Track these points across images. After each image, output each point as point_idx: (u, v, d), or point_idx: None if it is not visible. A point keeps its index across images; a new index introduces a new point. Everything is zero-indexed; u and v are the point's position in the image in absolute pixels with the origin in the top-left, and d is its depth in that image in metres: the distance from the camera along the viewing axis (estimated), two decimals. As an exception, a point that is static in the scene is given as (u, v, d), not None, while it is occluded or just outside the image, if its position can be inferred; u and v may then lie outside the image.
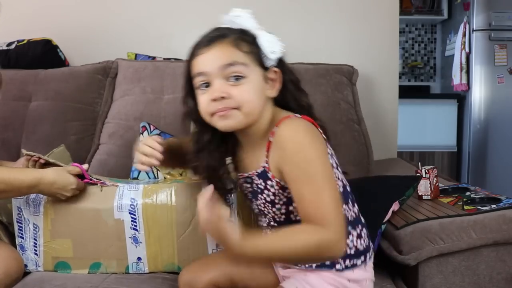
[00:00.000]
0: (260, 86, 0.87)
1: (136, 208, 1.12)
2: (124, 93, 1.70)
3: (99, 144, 1.66)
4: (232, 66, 0.84)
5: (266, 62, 0.88)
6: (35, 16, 1.95)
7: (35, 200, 1.14)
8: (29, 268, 1.16)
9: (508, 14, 2.97)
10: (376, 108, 1.98)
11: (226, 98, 0.84)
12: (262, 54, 0.87)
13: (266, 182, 0.89)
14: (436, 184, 1.31)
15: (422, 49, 3.74)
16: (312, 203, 0.80)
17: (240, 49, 0.85)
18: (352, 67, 1.79)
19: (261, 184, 0.90)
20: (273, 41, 0.89)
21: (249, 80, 0.85)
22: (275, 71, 0.89)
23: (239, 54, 0.85)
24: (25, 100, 1.67)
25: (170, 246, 1.13)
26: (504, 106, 3.02)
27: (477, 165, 3.09)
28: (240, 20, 0.88)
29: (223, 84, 0.84)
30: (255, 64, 0.86)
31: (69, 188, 1.09)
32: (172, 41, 1.97)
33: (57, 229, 1.14)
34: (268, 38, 0.88)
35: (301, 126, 0.85)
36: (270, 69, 0.89)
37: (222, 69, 0.84)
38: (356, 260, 0.92)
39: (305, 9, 1.97)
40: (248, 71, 0.85)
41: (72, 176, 1.10)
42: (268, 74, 0.89)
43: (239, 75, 0.85)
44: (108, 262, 1.14)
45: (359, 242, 0.93)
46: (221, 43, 0.85)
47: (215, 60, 0.85)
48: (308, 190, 0.80)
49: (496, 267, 1.09)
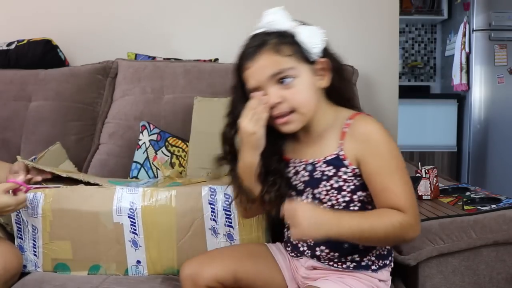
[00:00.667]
0: (311, 81, 0.91)
1: (135, 212, 1.12)
2: (124, 93, 1.70)
3: (99, 144, 1.66)
4: (280, 73, 0.88)
5: (311, 56, 0.90)
6: (35, 16, 1.95)
7: (33, 202, 1.14)
8: (28, 269, 1.16)
9: (508, 14, 2.96)
10: (376, 108, 1.98)
11: (282, 103, 0.88)
12: (305, 50, 0.89)
13: (338, 169, 0.91)
14: (436, 184, 1.31)
15: (422, 49, 3.74)
16: (395, 194, 0.86)
17: (283, 53, 0.88)
18: (352, 67, 1.79)
19: (330, 171, 0.92)
20: (313, 35, 0.90)
21: (300, 80, 0.89)
22: (322, 62, 0.92)
23: (283, 60, 0.88)
24: (25, 100, 1.67)
25: (170, 250, 1.13)
26: (504, 106, 3.02)
27: (477, 165, 3.09)
28: (275, 24, 0.90)
29: (276, 90, 0.88)
30: (301, 62, 0.89)
31: (6, 209, 1.05)
32: (172, 41, 1.97)
33: (55, 231, 1.13)
34: (307, 33, 0.90)
35: (379, 123, 0.91)
36: (317, 61, 0.91)
37: (271, 78, 0.88)
38: (386, 260, 0.97)
39: (305, 9, 1.96)
40: (296, 72, 0.89)
41: (9, 197, 1.05)
42: (316, 66, 0.91)
43: (289, 77, 0.88)
44: (108, 264, 1.14)
45: None
46: (263, 52, 0.88)
47: (263, 71, 0.88)
48: (392, 181, 0.87)
49: (496, 267, 1.09)
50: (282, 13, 0.91)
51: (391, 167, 0.88)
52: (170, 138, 1.51)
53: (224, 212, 1.12)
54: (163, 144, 1.50)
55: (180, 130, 1.56)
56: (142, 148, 1.50)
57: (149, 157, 1.48)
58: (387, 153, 0.88)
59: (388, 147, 0.89)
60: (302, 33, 0.89)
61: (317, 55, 0.91)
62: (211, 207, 1.13)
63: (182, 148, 1.49)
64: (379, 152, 0.88)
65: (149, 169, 1.47)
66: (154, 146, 1.49)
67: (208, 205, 1.13)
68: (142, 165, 1.48)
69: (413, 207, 0.87)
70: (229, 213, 1.12)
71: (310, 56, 0.90)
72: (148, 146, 1.50)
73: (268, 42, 0.88)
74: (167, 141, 1.51)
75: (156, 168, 1.46)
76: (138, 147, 1.51)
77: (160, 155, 1.48)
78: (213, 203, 1.13)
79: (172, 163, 1.47)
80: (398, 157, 0.90)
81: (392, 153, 0.89)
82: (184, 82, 1.69)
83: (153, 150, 1.49)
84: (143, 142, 1.51)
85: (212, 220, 1.13)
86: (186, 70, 1.71)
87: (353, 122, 0.91)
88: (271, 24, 0.90)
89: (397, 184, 0.87)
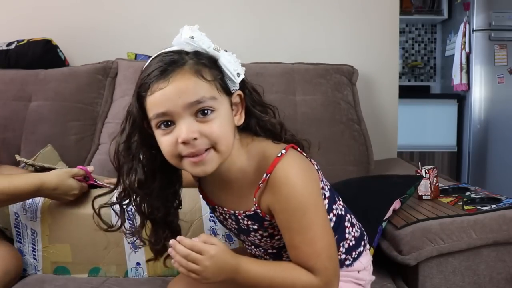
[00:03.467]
0: (229, 116, 0.77)
1: (134, 213, 1.11)
2: (124, 93, 1.70)
3: (99, 144, 1.66)
4: (200, 103, 0.72)
5: (231, 86, 0.77)
6: (35, 16, 1.95)
7: (32, 206, 1.14)
8: (28, 273, 1.16)
9: (508, 14, 2.97)
10: (376, 108, 1.98)
11: (197, 139, 0.72)
12: (227, 78, 0.76)
13: (261, 223, 0.82)
14: (436, 184, 1.31)
15: (422, 49, 3.74)
16: (305, 253, 0.77)
17: (203, 77, 0.73)
18: (352, 67, 1.79)
19: (254, 224, 0.83)
20: (234, 61, 0.77)
21: (219, 113, 0.74)
22: (239, 95, 0.79)
23: (204, 86, 0.73)
24: (25, 100, 1.67)
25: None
26: (504, 106, 3.03)
27: (477, 165, 3.09)
28: (194, 41, 0.75)
29: (191, 124, 0.72)
30: (221, 92, 0.75)
31: (71, 193, 1.09)
32: (172, 41, 1.97)
33: (55, 234, 1.13)
34: (229, 58, 0.76)
35: (292, 167, 0.77)
36: (233, 93, 0.78)
37: (188, 107, 0.72)
38: (359, 248, 0.93)
39: (305, 9, 1.97)
40: (217, 104, 0.74)
41: (75, 181, 1.09)
42: (233, 99, 0.78)
43: (208, 109, 0.73)
44: (107, 267, 1.14)
45: (353, 230, 0.93)
46: (179, 73, 0.72)
47: (178, 96, 0.71)
48: (301, 240, 0.77)
49: (496, 267, 1.09)
50: (200, 33, 0.77)
51: (301, 223, 0.76)
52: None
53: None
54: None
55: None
56: (142, 148, 1.50)
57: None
58: (298, 208, 0.76)
59: (299, 201, 0.76)
60: (225, 58, 0.76)
61: (237, 86, 0.78)
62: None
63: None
64: (289, 207, 0.76)
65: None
66: (154, 146, 1.49)
67: (206, 206, 1.12)
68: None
69: (326, 270, 0.77)
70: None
71: (231, 86, 0.77)
72: (148, 146, 1.49)
73: (187, 62, 0.73)
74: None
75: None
76: (138, 147, 1.51)
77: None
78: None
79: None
80: (313, 212, 0.77)
81: (304, 207, 0.76)
82: (184, 82, 1.68)
83: (153, 150, 1.49)
84: (143, 142, 1.50)
85: (211, 221, 1.13)
86: (186, 70, 1.71)
87: (270, 176, 0.77)
88: (191, 41, 0.75)
89: (308, 243, 0.76)
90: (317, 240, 0.77)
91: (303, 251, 0.77)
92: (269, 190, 0.78)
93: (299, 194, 0.76)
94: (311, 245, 0.77)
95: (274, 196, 0.77)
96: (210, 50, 0.76)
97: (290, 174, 0.77)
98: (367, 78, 1.94)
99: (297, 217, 0.76)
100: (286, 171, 0.77)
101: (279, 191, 0.76)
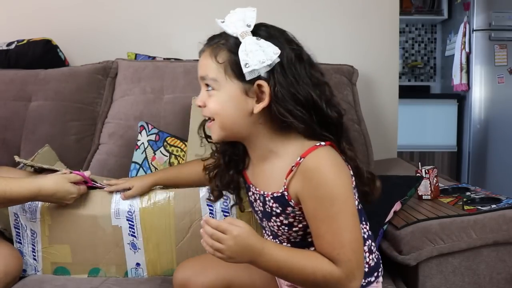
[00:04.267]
0: (235, 99, 0.81)
1: (134, 214, 1.12)
2: (124, 93, 1.70)
3: (99, 144, 1.66)
4: (204, 80, 0.84)
5: (249, 74, 0.79)
6: (35, 16, 1.95)
7: (31, 207, 1.14)
8: (28, 274, 1.16)
9: (508, 14, 2.96)
10: (376, 108, 1.98)
11: (202, 107, 0.86)
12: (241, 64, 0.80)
13: (285, 208, 0.84)
14: (436, 184, 1.31)
15: (422, 49, 3.74)
16: (328, 243, 0.77)
17: (215, 59, 0.82)
18: (352, 67, 1.79)
19: (278, 208, 0.85)
20: (254, 51, 0.78)
21: (219, 93, 0.82)
22: (260, 85, 0.80)
23: (211, 66, 0.82)
24: (25, 100, 1.67)
25: (169, 252, 1.13)
26: (504, 106, 3.02)
27: (477, 165, 3.09)
28: (226, 25, 0.82)
29: (204, 93, 0.86)
30: (230, 76, 0.81)
31: (69, 197, 1.08)
32: (172, 41, 1.97)
33: (54, 235, 1.13)
34: (249, 47, 0.78)
35: (327, 159, 0.80)
36: (255, 81, 0.80)
37: (201, 79, 0.86)
38: (370, 278, 0.90)
39: (305, 9, 1.97)
40: (218, 85, 0.82)
41: (72, 185, 1.08)
42: (251, 86, 0.80)
43: (210, 86, 0.84)
44: (107, 267, 1.14)
45: (370, 257, 0.90)
46: (206, 50, 0.84)
47: (198, 69, 0.86)
48: (326, 230, 0.77)
49: (496, 267, 1.09)
50: (241, 15, 0.82)
51: (329, 212, 0.77)
52: (168, 138, 1.51)
53: (223, 213, 1.12)
54: (162, 144, 1.49)
55: (180, 130, 1.56)
56: (140, 148, 1.50)
57: (147, 158, 1.48)
58: (326, 196, 0.77)
59: (329, 190, 0.77)
60: (245, 45, 0.79)
61: (253, 75, 0.79)
62: (210, 208, 1.12)
63: (180, 148, 1.49)
64: (318, 194, 0.77)
65: (148, 170, 1.47)
66: (152, 147, 1.49)
67: (206, 206, 1.13)
68: (141, 166, 1.48)
69: (349, 261, 0.76)
70: (228, 214, 1.12)
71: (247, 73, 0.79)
72: (146, 146, 1.50)
73: (212, 43, 0.84)
74: (166, 141, 1.50)
75: (155, 167, 1.46)
76: (137, 148, 1.51)
77: (158, 155, 1.48)
78: (211, 204, 1.12)
79: (171, 163, 1.46)
80: (342, 202, 0.78)
81: (333, 196, 0.77)
82: (184, 82, 1.68)
83: (152, 150, 1.49)
84: (142, 143, 1.50)
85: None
86: (186, 70, 1.71)
87: (304, 160, 0.80)
88: (223, 25, 0.83)
89: (333, 233, 0.77)
90: (343, 231, 0.77)
91: (327, 241, 0.78)
92: (300, 175, 0.80)
93: (330, 182, 0.78)
94: (336, 235, 0.77)
95: (304, 182, 0.79)
96: (238, 35, 0.80)
97: (322, 161, 0.80)
98: (367, 78, 1.94)
99: (325, 206, 0.77)
100: (319, 158, 0.80)
101: (310, 177, 0.79)
